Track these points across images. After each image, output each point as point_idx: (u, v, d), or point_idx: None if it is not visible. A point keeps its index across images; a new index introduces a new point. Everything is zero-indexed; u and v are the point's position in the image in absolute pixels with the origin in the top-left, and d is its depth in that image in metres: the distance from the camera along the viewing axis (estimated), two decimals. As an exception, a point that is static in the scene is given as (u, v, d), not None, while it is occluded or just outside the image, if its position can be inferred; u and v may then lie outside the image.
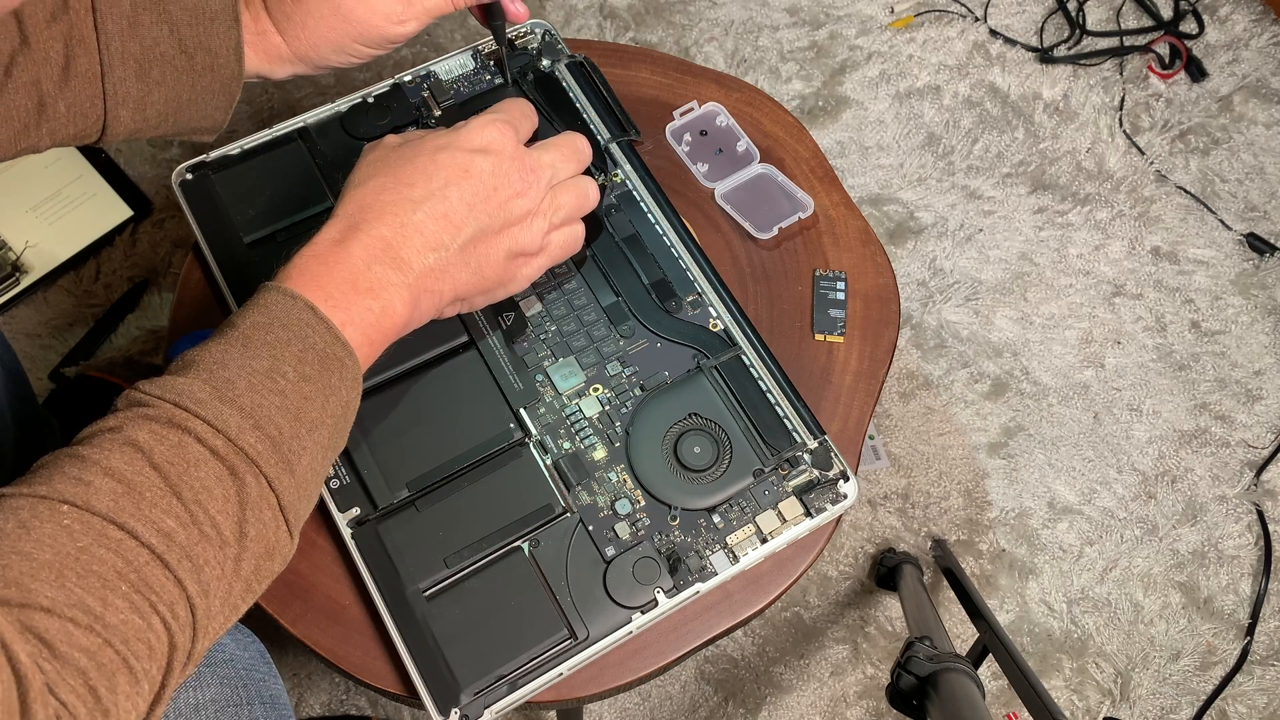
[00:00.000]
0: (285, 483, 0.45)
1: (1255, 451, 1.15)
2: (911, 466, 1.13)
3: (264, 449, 0.44)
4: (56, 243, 1.14)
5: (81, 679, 0.37)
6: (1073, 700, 1.04)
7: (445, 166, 0.55)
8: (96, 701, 0.37)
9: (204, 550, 0.42)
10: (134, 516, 0.40)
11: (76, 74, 0.54)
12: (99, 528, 0.40)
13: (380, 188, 0.54)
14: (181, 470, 0.42)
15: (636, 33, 1.34)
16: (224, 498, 0.43)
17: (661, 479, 0.64)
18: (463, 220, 0.54)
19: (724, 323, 0.69)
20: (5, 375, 0.74)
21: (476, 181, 0.55)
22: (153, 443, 0.42)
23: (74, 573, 0.38)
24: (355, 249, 0.51)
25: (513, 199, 0.56)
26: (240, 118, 1.24)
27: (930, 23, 1.37)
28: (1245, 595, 1.09)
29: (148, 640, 0.39)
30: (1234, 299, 1.22)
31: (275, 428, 0.45)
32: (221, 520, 0.43)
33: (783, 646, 1.05)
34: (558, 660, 0.59)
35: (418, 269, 0.53)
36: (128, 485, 0.41)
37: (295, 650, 1.01)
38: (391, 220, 0.53)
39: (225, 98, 0.60)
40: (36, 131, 0.55)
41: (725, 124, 0.78)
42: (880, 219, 1.25)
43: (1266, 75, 1.35)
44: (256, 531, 0.44)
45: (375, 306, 0.51)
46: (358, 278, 0.51)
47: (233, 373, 0.45)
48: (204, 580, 0.42)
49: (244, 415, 0.44)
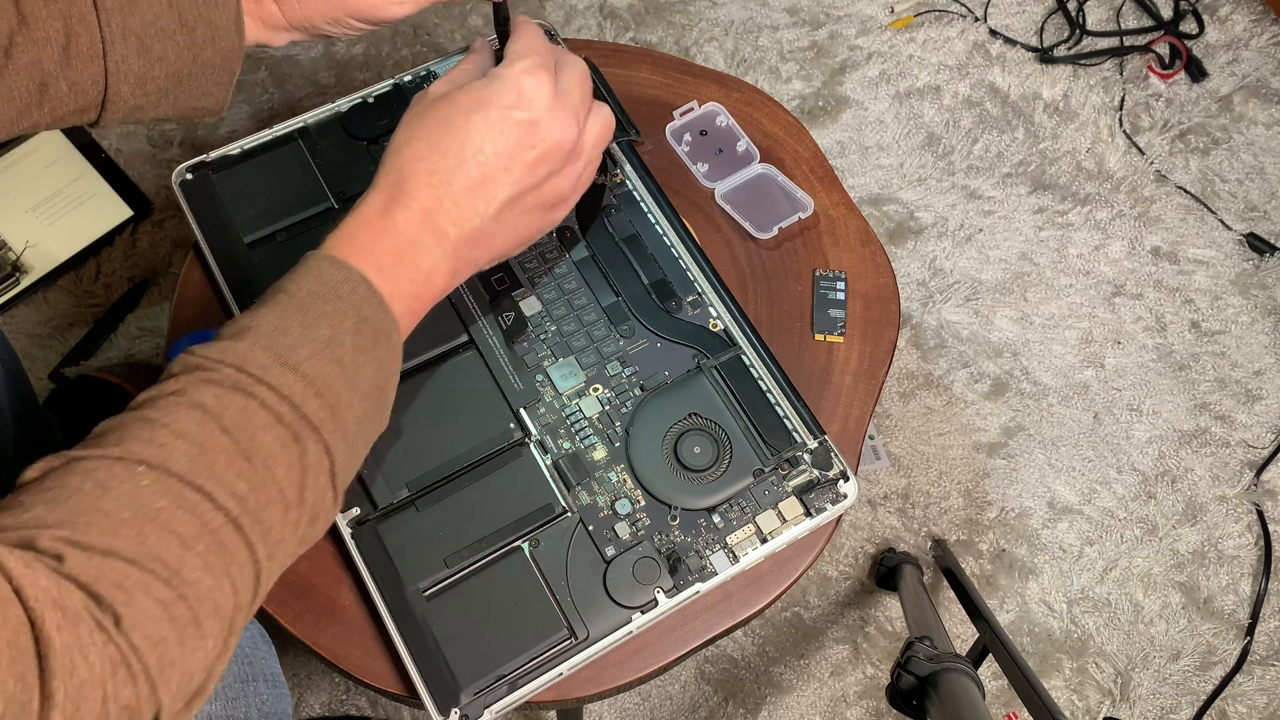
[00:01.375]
0: (340, 449, 0.46)
1: (1255, 451, 1.15)
2: (911, 466, 1.13)
3: (325, 416, 0.45)
4: (56, 243, 1.14)
5: (155, 628, 0.38)
6: (1073, 700, 1.04)
7: (479, 129, 0.53)
8: (166, 651, 0.38)
9: (272, 514, 0.43)
10: (209, 479, 0.41)
11: (77, 53, 0.54)
12: (176, 489, 0.40)
13: (416, 155, 0.53)
14: (250, 434, 0.43)
15: (636, 33, 1.34)
16: (288, 463, 0.44)
17: (661, 479, 0.64)
18: (499, 185, 0.54)
19: (724, 323, 0.69)
20: (6, 375, 0.74)
21: (513, 142, 0.54)
22: (220, 406, 0.43)
23: (154, 531, 0.39)
24: (399, 219, 0.52)
25: (550, 152, 0.55)
26: (240, 118, 1.24)
27: (930, 23, 1.37)
28: (1245, 595, 1.09)
29: (216, 600, 0.40)
30: (1234, 299, 1.22)
31: (334, 396, 0.46)
32: (287, 484, 0.44)
33: (783, 646, 1.05)
34: (558, 660, 0.59)
35: (454, 239, 0.53)
36: (200, 448, 0.42)
37: (295, 650, 1.01)
38: (428, 191, 0.53)
39: (226, 73, 0.60)
40: (38, 111, 0.55)
41: (725, 124, 0.78)
42: (880, 219, 1.25)
43: (1266, 75, 1.35)
44: (314, 496, 0.45)
45: (418, 278, 0.52)
46: (403, 249, 0.52)
47: (294, 340, 0.46)
48: (270, 544, 0.43)
49: (307, 383, 0.45)
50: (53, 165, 1.17)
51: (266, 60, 1.28)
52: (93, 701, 0.35)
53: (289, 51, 1.29)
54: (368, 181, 0.71)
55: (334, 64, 1.28)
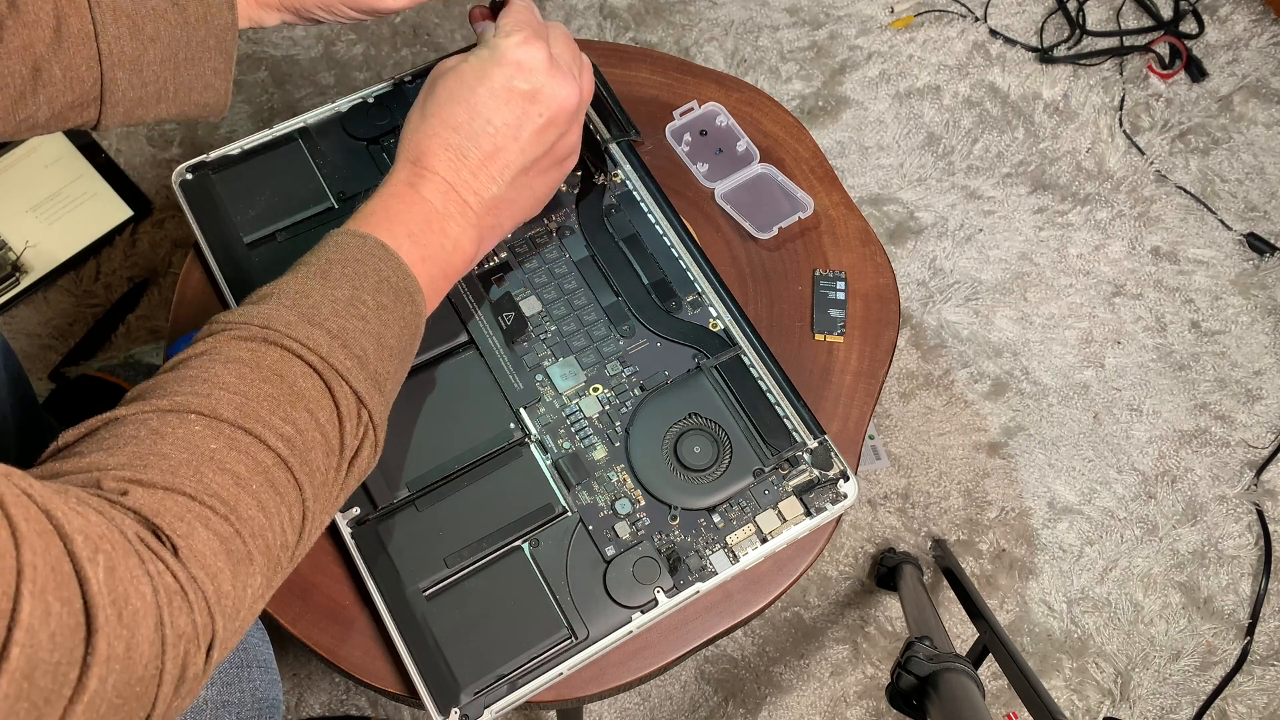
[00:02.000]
0: (375, 399, 0.48)
1: (1255, 451, 1.15)
2: (911, 466, 1.13)
3: (353, 366, 0.47)
4: (56, 243, 1.14)
5: (213, 560, 0.39)
6: (1073, 700, 1.04)
7: (485, 101, 0.56)
8: (222, 582, 0.39)
9: (317, 456, 0.45)
10: (259, 422, 0.43)
11: (69, 35, 0.54)
12: (228, 433, 0.42)
13: (431, 131, 0.56)
14: (290, 381, 0.45)
15: (636, 33, 1.34)
16: (329, 408, 0.46)
17: (661, 479, 0.64)
18: (511, 154, 0.57)
19: (724, 323, 0.69)
20: (7, 379, 0.74)
21: (519, 110, 0.57)
22: (255, 358, 0.45)
23: (210, 469, 0.41)
24: (426, 190, 0.55)
25: (559, 115, 0.58)
26: (240, 118, 1.24)
27: (930, 23, 1.37)
28: (1245, 595, 1.09)
29: (267, 538, 0.42)
30: (1234, 299, 1.22)
31: (360, 349, 0.48)
32: (330, 429, 0.46)
33: (783, 646, 1.05)
34: (558, 660, 0.59)
35: (476, 208, 0.57)
36: (244, 395, 0.43)
37: (295, 650, 1.01)
38: (447, 164, 0.56)
39: (222, 57, 0.60)
40: (34, 99, 0.55)
41: (725, 124, 0.78)
42: (880, 219, 1.25)
43: (1266, 75, 1.35)
44: (352, 442, 0.47)
45: (447, 244, 0.55)
46: (431, 218, 0.55)
47: (316, 300, 0.48)
48: (316, 485, 0.45)
49: (332, 337, 0.47)
50: (53, 165, 1.17)
51: (266, 60, 1.28)
52: (146, 628, 0.36)
53: (289, 52, 1.29)
54: (368, 181, 0.72)
55: (334, 64, 1.28)
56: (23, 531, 0.33)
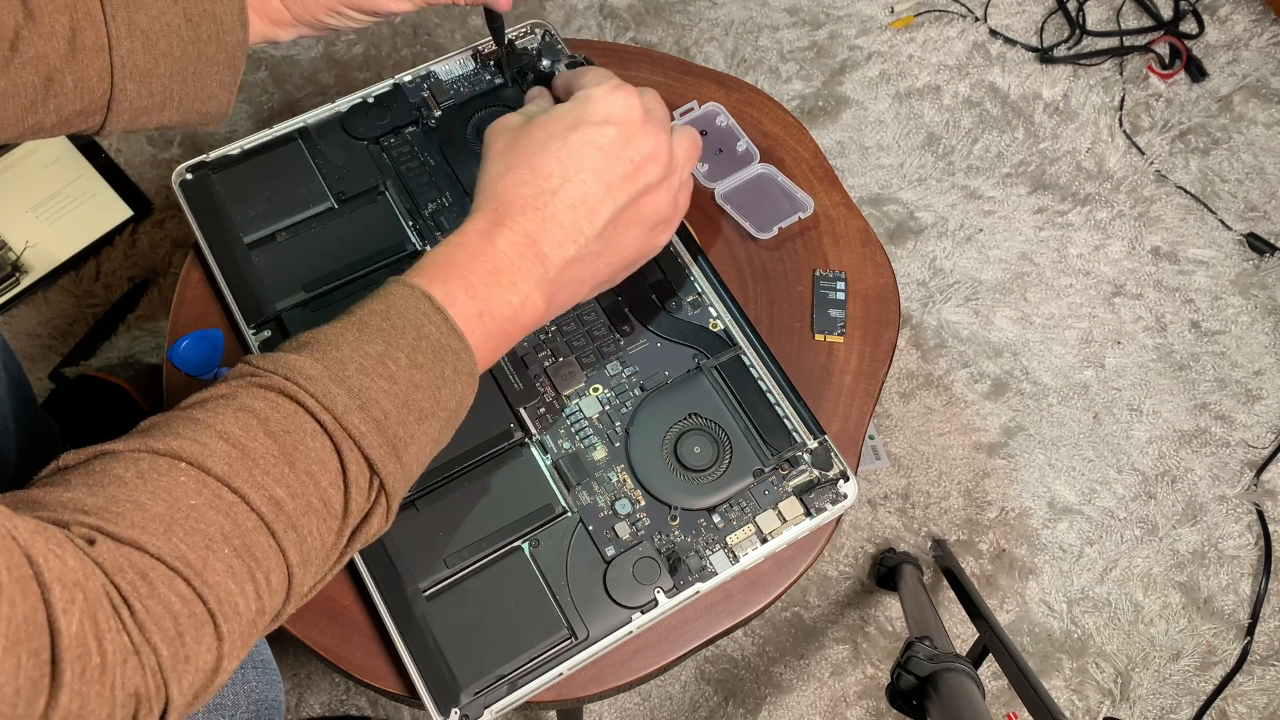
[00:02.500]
0: (390, 466, 0.46)
1: (1255, 451, 1.15)
2: (911, 466, 1.13)
3: (369, 430, 0.45)
4: (56, 243, 1.14)
5: (171, 623, 0.38)
6: (1073, 700, 1.04)
7: (578, 149, 0.54)
8: (181, 646, 0.38)
9: (309, 521, 0.43)
10: (247, 481, 0.42)
11: (83, 47, 0.54)
12: (213, 489, 0.41)
13: (520, 181, 0.54)
14: (296, 440, 0.43)
15: (636, 33, 1.34)
16: (334, 471, 0.44)
17: (661, 479, 0.64)
18: (600, 202, 0.54)
19: (724, 323, 0.69)
20: (8, 380, 0.74)
21: (611, 157, 0.55)
22: (267, 410, 0.44)
23: (183, 528, 0.39)
24: (500, 242, 0.52)
25: (646, 165, 0.56)
26: (240, 118, 1.24)
27: (930, 23, 1.37)
28: (1245, 595, 1.09)
29: (236, 604, 0.41)
30: (1234, 299, 1.22)
31: (381, 411, 0.46)
32: (331, 493, 0.44)
33: (783, 646, 1.05)
34: (558, 660, 0.59)
35: (558, 262, 0.53)
36: (242, 450, 0.42)
37: (295, 650, 1.01)
38: (533, 214, 0.53)
39: (229, 71, 0.60)
40: (43, 107, 0.55)
41: (725, 124, 0.78)
42: (880, 219, 1.25)
43: (1266, 75, 1.35)
44: (357, 507, 0.46)
45: (515, 300, 0.52)
46: (500, 271, 0.52)
47: (345, 354, 0.46)
48: (305, 551, 0.43)
49: (351, 395, 0.45)
50: (53, 165, 1.17)
51: (266, 60, 1.28)
52: (102, 688, 0.35)
53: (289, 51, 1.29)
54: (368, 181, 0.72)
55: (334, 64, 1.28)
56: (3, 582, 0.32)
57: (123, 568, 0.37)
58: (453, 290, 0.50)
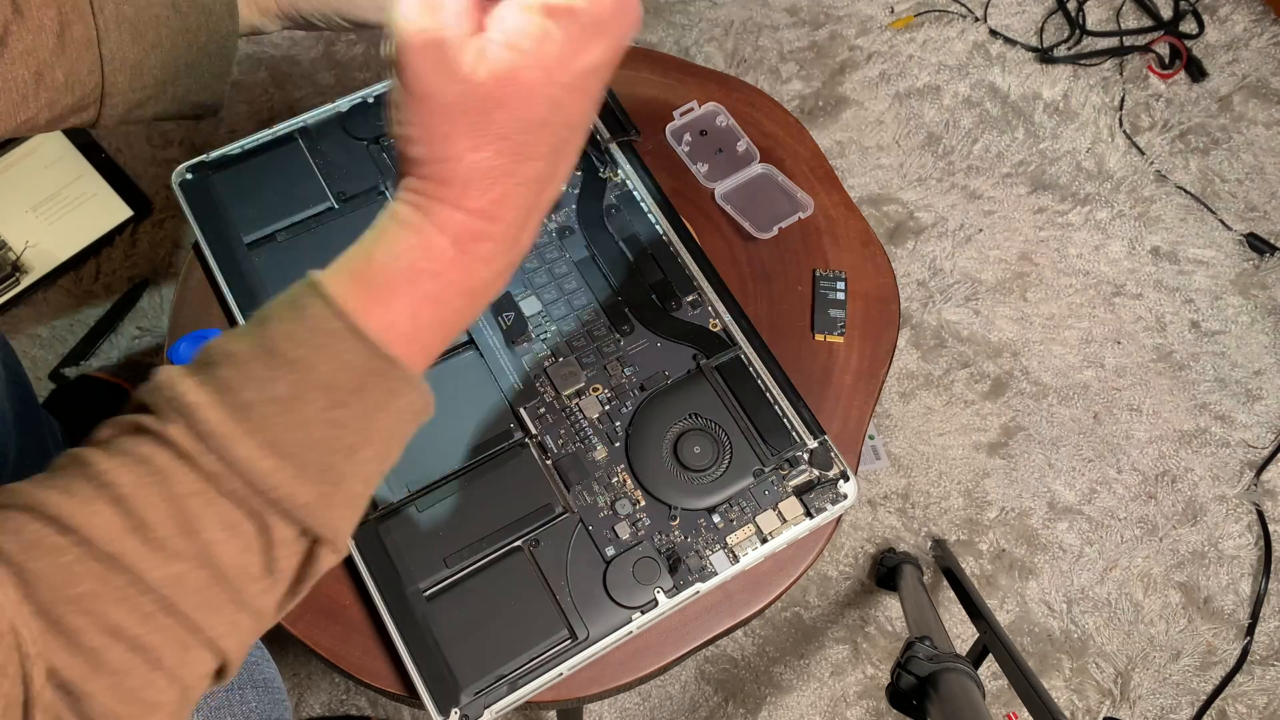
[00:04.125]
0: (320, 516, 0.40)
1: (1255, 451, 1.15)
2: (911, 466, 1.13)
3: (281, 482, 0.39)
4: (56, 243, 1.14)
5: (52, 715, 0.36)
6: (1073, 700, 1.04)
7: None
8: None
9: (217, 596, 0.39)
10: (140, 558, 0.37)
11: (72, 41, 0.54)
12: (98, 573, 0.36)
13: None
14: (198, 508, 0.38)
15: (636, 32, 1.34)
16: (248, 535, 0.39)
17: (661, 479, 0.63)
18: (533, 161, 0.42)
19: (724, 323, 0.69)
20: (7, 379, 0.74)
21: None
22: (168, 470, 0.38)
23: (77, 614, 0.36)
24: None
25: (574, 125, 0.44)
26: (240, 118, 1.24)
27: (930, 23, 1.37)
28: (1245, 595, 1.09)
29: (153, 694, 0.38)
30: (1234, 299, 1.22)
31: (298, 463, 0.39)
32: (247, 558, 0.39)
33: (783, 646, 1.05)
34: (558, 660, 0.59)
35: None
36: (137, 519, 0.37)
37: (295, 650, 1.01)
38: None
39: (221, 60, 0.60)
40: (35, 102, 0.55)
41: (725, 124, 0.78)
42: (880, 219, 1.25)
43: (1266, 75, 1.35)
44: (287, 564, 0.41)
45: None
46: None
47: (251, 395, 0.39)
48: (223, 621, 0.39)
49: (259, 449, 0.38)
50: (53, 165, 1.17)
51: (266, 60, 1.28)
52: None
53: (289, 52, 1.29)
54: (368, 181, 0.72)
55: (334, 64, 1.28)
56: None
57: (31, 658, 0.35)
58: (358, 298, 0.42)
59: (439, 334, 0.44)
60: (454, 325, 0.44)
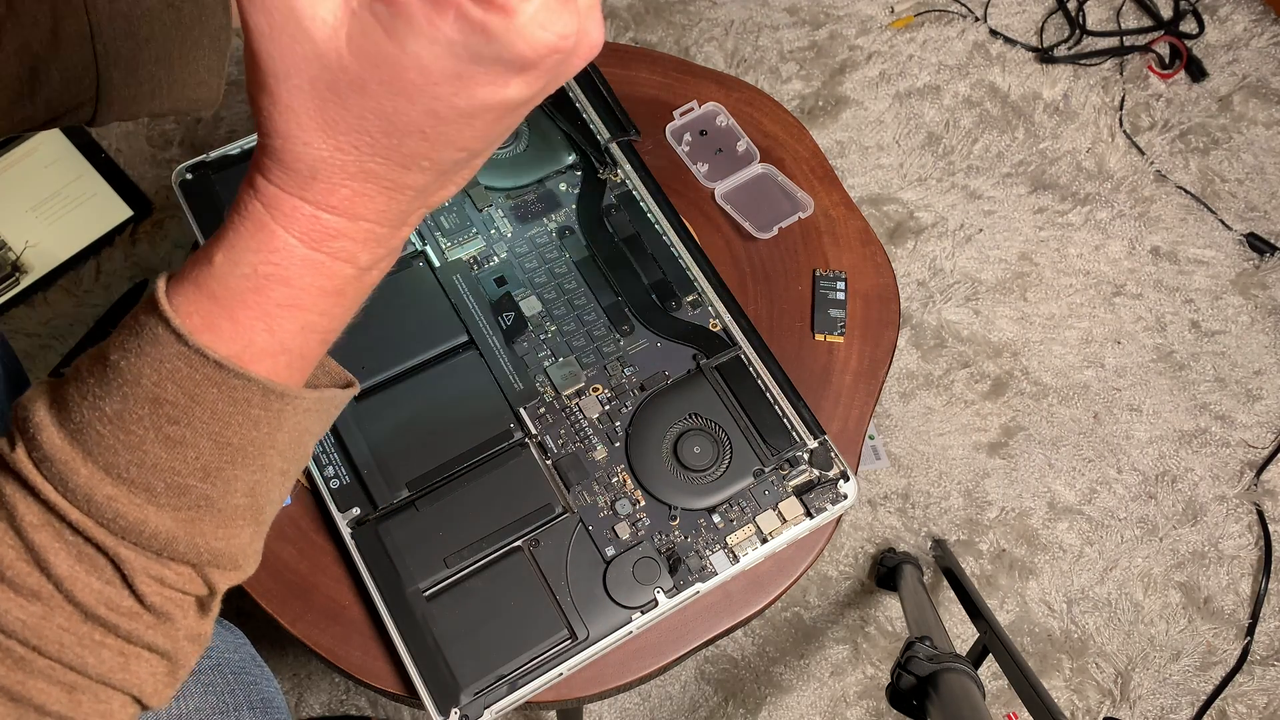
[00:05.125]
0: (189, 543, 0.37)
1: (1255, 451, 1.15)
2: (911, 466, 1.13)
3: (126, 509, 0.36)
4: (56, 243, 1.14)
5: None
6: (1073, 700, 1.04)
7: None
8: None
9: (89, 632, 0.36)
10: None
11: (66, 37, 0.54)
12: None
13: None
14: (45, 541, 0.35)
15: (636, 33, 1.34)
16: (100, 568, 0.36)
17: (661, 479, 0.63)
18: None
19: (724, 322, 0.69)
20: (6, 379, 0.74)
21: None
22: (14, 505, 0.36)
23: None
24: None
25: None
26: (240, 118, 1.24)
27: (930, 23, 1.37)
28: (1245, 595, 1.09)
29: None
30: (1234, 299, 1.22)
31: (144, 488, 0.36)
32: (110, 593, 0.36)
33: (783, 646, 1.05)
34: (558, 660, 0.59)
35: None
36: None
37: (295, 650, 1.01)
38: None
39: (216, 56, 0.60)
40: (31, 100, 0.55)
41: (725, 124, 0.78)
42: (880, 219, 1.25)
43: (1266, 75, 1.35)
44: (162, 595, 0.37)
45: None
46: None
47: (86, 413, 0.36)
48: (103, 662, 0.36)
49: (100, 475, 0.35)
50: (53, 165, 1.17)
51: (266, 60, 1.28)
52: None
53: (289, 51, 1.29)
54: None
55: (334, 64, 1.28)
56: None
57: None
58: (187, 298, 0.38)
59: (311, 339, 0.38)
60: (326, 328, 0.38)
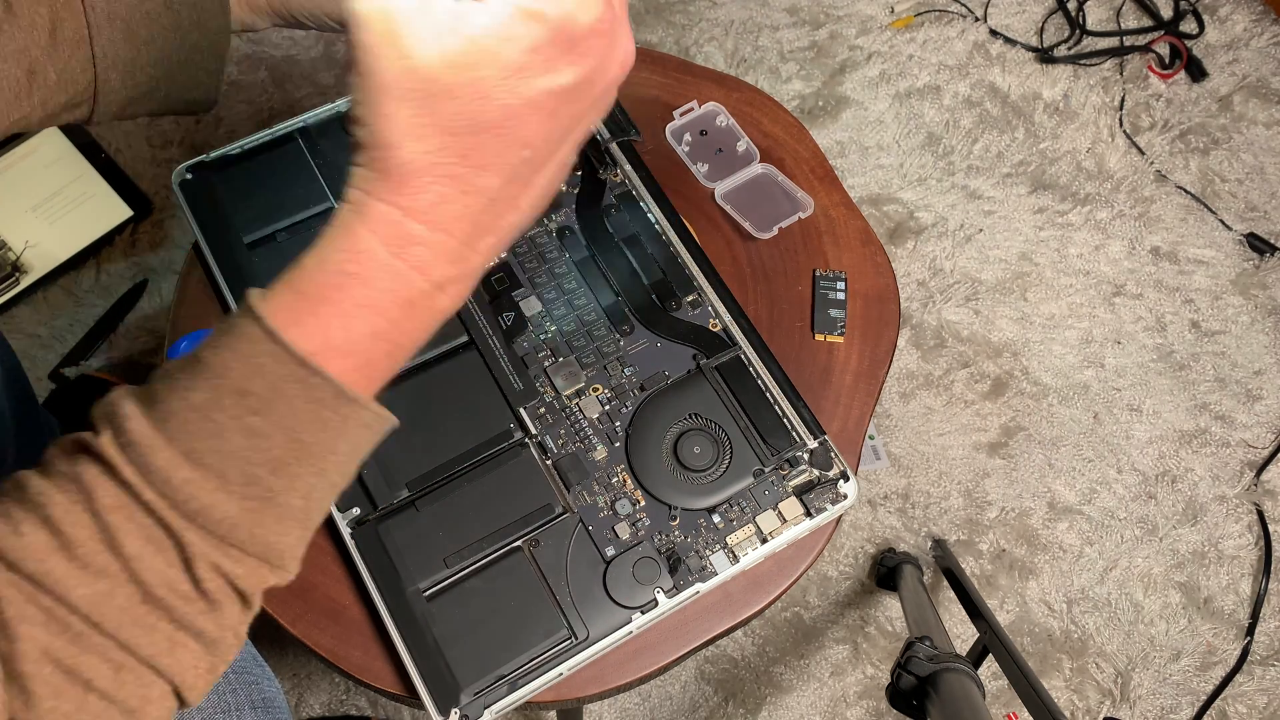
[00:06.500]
0: (249, 532, 0.39)
1: (1255, 451, 1.15)
2: (911, 466, 1.13)
3: (199, 491, 0.38)
4: (56, 243, 1.14)
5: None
6: (1073, 700, 1.04)
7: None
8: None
9: (146, 613, 0.38)
10: (65, 578, 0.36)
11: (64, 38, 0.54)
12: (29, 592, 0.36)
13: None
14: (119, 522, 0.37)
15: (636, 33, 1.34)
16: (165, 550, 0.38)
17: (661, 479, 0.63)
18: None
19: (723, 322, 0.69)
20: (5, 376, 0.74)
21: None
22: (93, 488, 0.37)
23: (4, 639, 0.35)
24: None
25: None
26: (240, 118, 1.24)
27: (930, 23, 1.37)
28: (1245, 595, 1.09)
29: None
30: (1234, 299, 1.22)
31: (219, 474, 0.38)
32: (172, 576, 0.38)
33: (783, 646, 1.05)
34: (558, 660, 0.59)
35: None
36: (65, 540, 0.36)
37: (295, 650, 1.01)
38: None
39: (214, 58, 0.60)
40: (28, 100, 0.55)
41: (725, 124, 0.78)
42: (880, 219, 1.25)
43: (1266, 75, 1.35)
44: (216, 582, 0.39)
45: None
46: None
47: (173, 403, 0.38)
48: (155, 642, 0.38)
49: (179, 458, 0.38)
50: (53, 165, 1.17)
51: (266, 60, 1.28)
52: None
53: (289, 52, 1.29)
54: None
55: (334, 64, 1.28)
56: None
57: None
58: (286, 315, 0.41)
59: (380, 349, 0.40)
60: (396, 341, 0.41)
